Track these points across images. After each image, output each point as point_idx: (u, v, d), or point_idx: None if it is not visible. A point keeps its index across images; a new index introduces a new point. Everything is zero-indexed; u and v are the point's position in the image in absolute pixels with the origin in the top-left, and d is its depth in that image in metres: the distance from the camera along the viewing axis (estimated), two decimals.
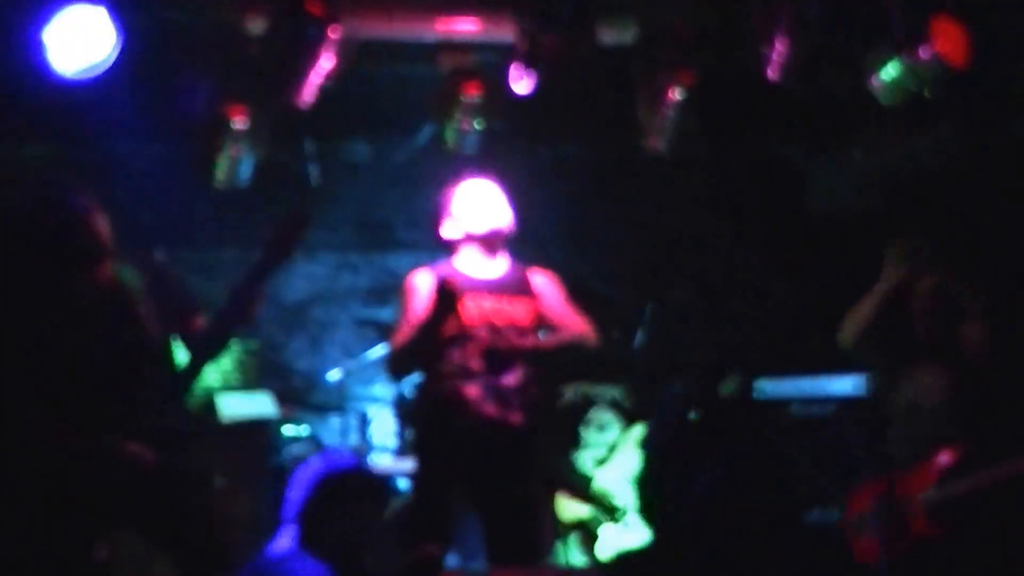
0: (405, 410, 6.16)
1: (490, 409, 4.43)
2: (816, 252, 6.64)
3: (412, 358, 4.57)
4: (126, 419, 3.72)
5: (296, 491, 3.91)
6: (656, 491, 3.88)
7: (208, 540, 3.86)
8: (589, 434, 5.67)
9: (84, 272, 3.90)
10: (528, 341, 4.53)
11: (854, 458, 5.35)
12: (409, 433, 5.83)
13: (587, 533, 5.53)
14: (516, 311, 4.54)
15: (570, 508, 5.56)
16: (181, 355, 4.22)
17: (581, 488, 5.54)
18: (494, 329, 4.50)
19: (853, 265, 5.40)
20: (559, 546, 5.52)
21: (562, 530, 5.51)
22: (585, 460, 5.63)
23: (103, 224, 3.93)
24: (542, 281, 4.68)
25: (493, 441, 4.43)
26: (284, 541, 3.88)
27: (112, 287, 3.96)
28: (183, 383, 4.14)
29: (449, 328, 4.45)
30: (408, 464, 5.31)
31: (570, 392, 5.56)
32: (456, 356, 4.47)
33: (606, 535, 5.50)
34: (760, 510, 3.52)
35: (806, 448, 5.53)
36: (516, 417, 4.46)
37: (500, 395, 4.45)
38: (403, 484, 5.95)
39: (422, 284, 4.59)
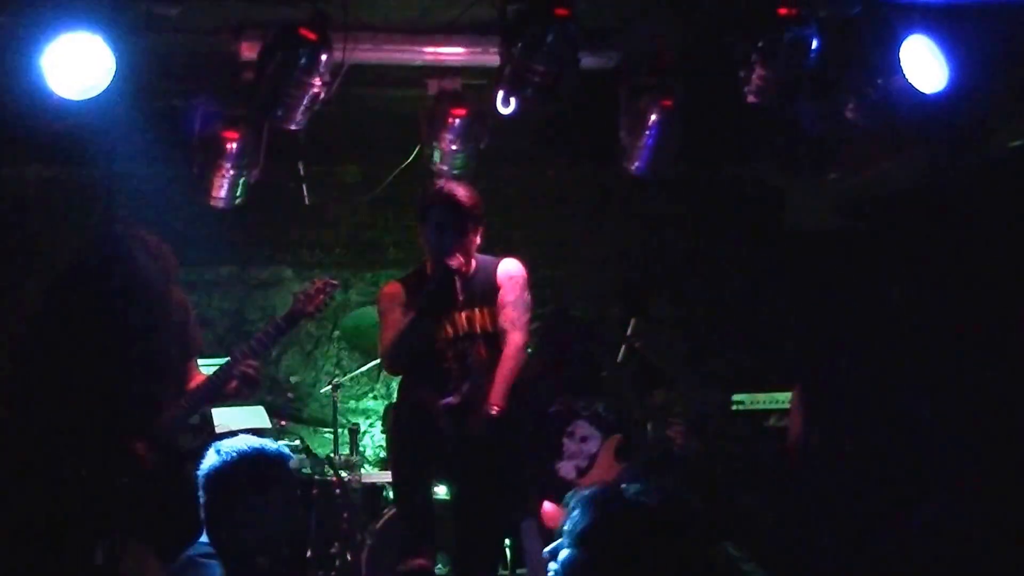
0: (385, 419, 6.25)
1: (458, 422, 4.56)
2: (793, 269, 6.76)
3: (408, 347, 4.65)
4: (143, 424, 3.89)
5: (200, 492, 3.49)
6: None
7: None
8: (571, 445, 5.76)
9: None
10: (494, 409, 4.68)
11: None
12: (386, 440, 5.92)
13: None
14: (486, 319, 4.68)
15: (556, 517, 5.64)
16: None
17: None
18: (466, 337, 4.64)
19: (829, 281, 5.57)
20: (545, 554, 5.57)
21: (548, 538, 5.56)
22: (567, 470, 5.71)
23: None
24: (505, 276, 4.82)
25: (460, 452, 4.58)
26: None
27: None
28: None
29: (425, 338, 4.58)
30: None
31: (553, 404, 5.64)
32: (428, 370, 4.60)
33: None
34: None
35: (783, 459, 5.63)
36: (484, 430, 4.61)
37: (469, 409, 4.59)
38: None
39: (395, 293, 4.74)
